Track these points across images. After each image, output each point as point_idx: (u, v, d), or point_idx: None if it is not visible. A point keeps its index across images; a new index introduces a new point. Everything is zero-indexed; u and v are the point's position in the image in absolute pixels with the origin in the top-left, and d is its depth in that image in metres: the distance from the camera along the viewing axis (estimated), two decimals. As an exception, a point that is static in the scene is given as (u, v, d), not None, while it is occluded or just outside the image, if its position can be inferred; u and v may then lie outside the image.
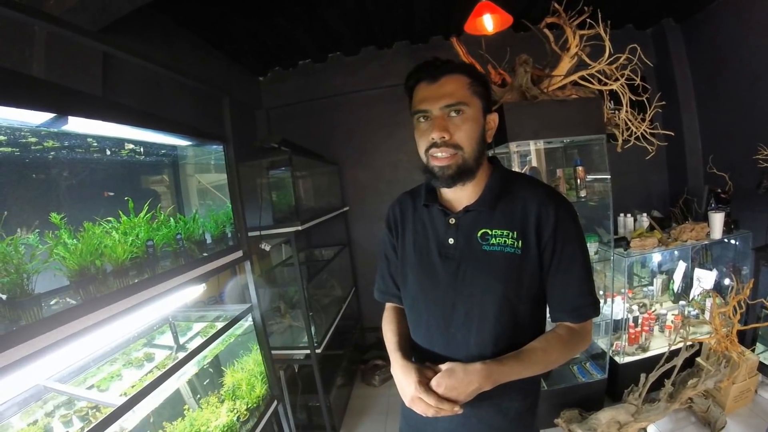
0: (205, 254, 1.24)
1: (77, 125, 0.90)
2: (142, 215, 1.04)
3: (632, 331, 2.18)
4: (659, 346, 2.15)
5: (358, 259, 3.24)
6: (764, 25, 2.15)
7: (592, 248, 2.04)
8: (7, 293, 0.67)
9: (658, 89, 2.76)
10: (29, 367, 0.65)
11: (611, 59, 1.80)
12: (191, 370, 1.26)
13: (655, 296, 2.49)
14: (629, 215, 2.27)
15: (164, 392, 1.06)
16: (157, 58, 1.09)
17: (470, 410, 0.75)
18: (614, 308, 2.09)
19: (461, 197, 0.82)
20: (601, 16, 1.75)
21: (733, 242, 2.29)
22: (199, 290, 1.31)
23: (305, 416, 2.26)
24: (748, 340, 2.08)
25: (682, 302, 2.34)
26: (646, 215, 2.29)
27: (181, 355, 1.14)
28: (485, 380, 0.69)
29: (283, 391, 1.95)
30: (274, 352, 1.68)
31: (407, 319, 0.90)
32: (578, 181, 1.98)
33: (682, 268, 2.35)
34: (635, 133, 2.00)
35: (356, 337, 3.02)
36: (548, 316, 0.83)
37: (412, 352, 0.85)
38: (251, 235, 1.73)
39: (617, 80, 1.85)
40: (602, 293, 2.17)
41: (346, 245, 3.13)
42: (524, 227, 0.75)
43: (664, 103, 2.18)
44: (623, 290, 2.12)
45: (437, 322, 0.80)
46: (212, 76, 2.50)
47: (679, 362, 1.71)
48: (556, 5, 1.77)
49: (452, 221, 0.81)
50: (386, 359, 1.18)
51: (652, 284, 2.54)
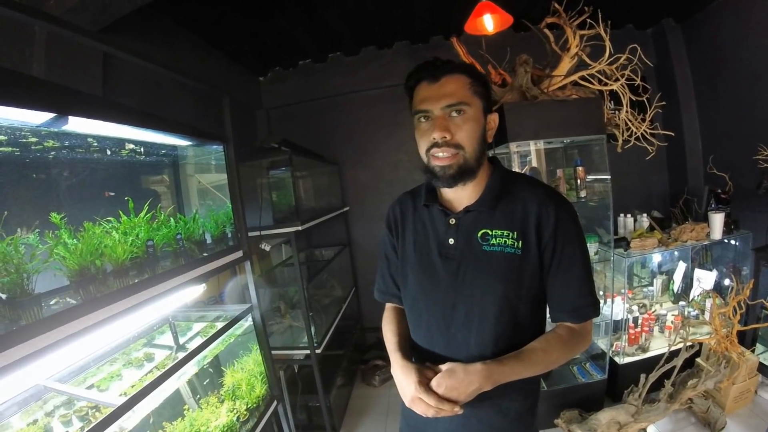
0: (205, 254, 1.24)
1: (77, 125, 0.90)
2: (142, 215, 1.04)
3: (632, 331, 2.18)
4: (659, 346, 2.15)
5: (358, 259, 3.24)
6: (764, 25, 2.15)
7: (592, 248, 2.04)
8: (7, 293, 0.67)
9: (658, 89, 2.76)
10: (29, 366, 0.65)
11: (611, 59, 1.80)
12: (191, 370, 1.26)
13: (655, 297, 2.49)
14: (629, 215, 2.28)
15: (164, 392, 1.06)
16: (157, 58, 1.09)
17: (470, 410, 0.75)
18: (614, 309, 2.09)
19: (461, 197, 0.81)
20: (601, 16, 1.75)
21: (733, 243, 2.29)
22: (199, 290, 1.31)
23: (305, 416, 2.26)
24: (748, 340, 2.08)
25: (682, 303, 2.34)
26: (646, 215, 2.29)
27: (181, 355, 1.14)
28: (485, 380, 0.69)
29: (283, 391, 1.95)
30: (274, 352, 1.68)
31: (407, 319, 0.90)
32: (578, 181, 1.98)
33: (682, 268, 2.35)
34: (635, 133, 2.00)
35: (356, 337, 3.02)
36: (548, 316, 0.83)
37: (412, 352, 0.85)
38: (251, 235, 1.73)
39: (617, 80, 1.85)
40: (602, 294, 2.16)
41: (346, 245, 3.13)
42: (524, 227, 0.75)
43: (664, 103, 2.18)
44: (623, 291, 2.12)
45: (437, 322, 0.80)
46: (212, 76, 2.50)
47: (679, 363, 1.71)
48: (556, 5, 1.77)
49: (452, 221, 0.81)
50: (386, 359, 1.18)
51: (652, 285, 2.54)
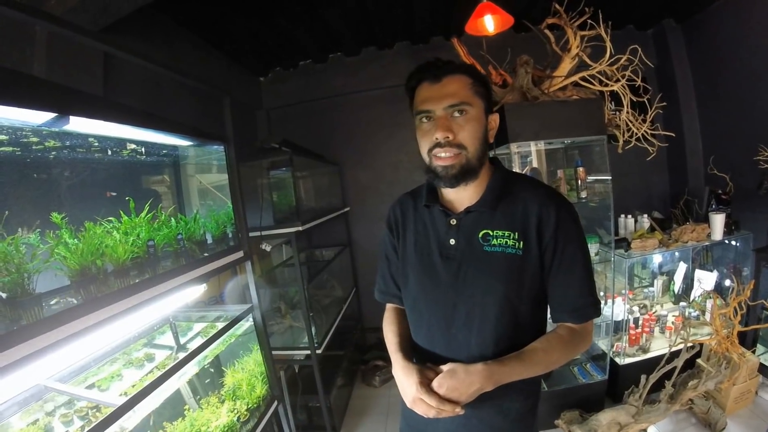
0: (205, 254, 1.24)
1: (78, 125, 0.90)
2: (143, 215, 1.04)
3: (633, 332, 2.18)
4: (660, 347, 2.14)
5: (358, 259, 3.24)
6: (764, 25, 2.15)
7: (592, 249, 2.04)
8: (8, 292, 0.67)
9: (658, 90, 2.76)
10: (30, 366, 0.65)
11: (612, 60, 1.80)
12: (192, 370, 1.26)
13: (655, 297, 2.48)
14: (630, 216, 2.28)
15: (165, 392, 1.06)
16: (157, 58, 1.10)
17: (471, 411, 0.75)
18: (615, 309, 2.08)
19: (462, 198, 0.81)
20: (601, 16, 1.75)
21: (733, 243, 2.29)
22: (199, 290, 1.31)
23: (305, 417, 2.26)
24: (748, 341, 2.08)
25: (682, 303, 2.34)
26: (646, 216, 2.29)
27: (181, 355, 1.14)
28: (486, 381, 0.69)
29: (283, 391, 1.95)
30: (274, 352, 1.68)
31: (408, 319, 0.90)
32: (579, 182, 1.98)
33: (682, 269, 2.35)
34: (636, 134, 2.00)
35: (357, 337, 3.02)
36: (549, 316, 0.82)
37: (413, 352, 0.85)
38: (252, 235, 1.73)
39: (618, 81, 1.85)
40: (603, 294, 2.16)
41: (346, 246, 3.13)
42: (525, 228, 0.75)
43: (664, 104, 2.18)
44: (624, 291, 2.12)
45: (438, 322, 0.80)
46: (213, 76, 2.50)
47: (679, 363, 1.71)
48: (556, 6, 1.77)
49: (453, 222, 0.81)
50: (387, 360, 1.18)
51: (652, 285, 2.53)
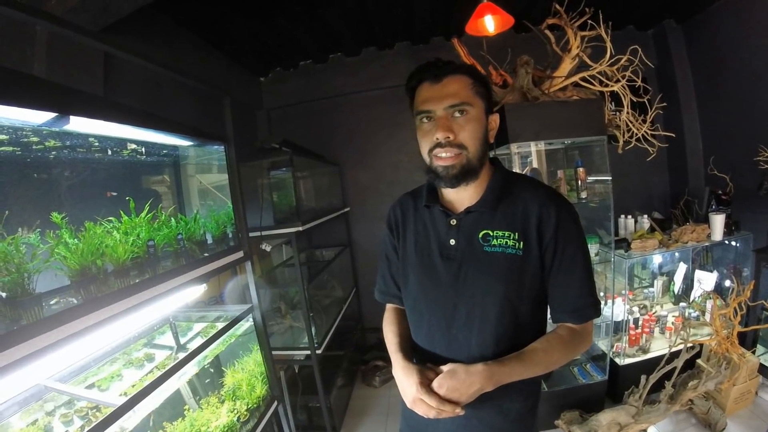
0: (206, 254, 1.24)
1: (79, 125, 0.90)
2: (143, 215, 1.04)
3: (633, 332, 2.18)
4: (660, 347, 2.14)
5: (358, 259, 3.24)
6: (764, 25, 2.15)
7: (592, 249, 2.04)
8: (8, 292, 0.67)
9: (659, 90, 2.76)
10: (30, 366, 0.65)
11: (612, 60, 1.80)
12: (191, 370, 1.26)
13: (655, 298, 2.48)
14: (630, 216, 2.28)
15: (164, 392, 1.06)
16: (157, 58, 1.10)
17: (471, 411, 0.75)
18: (615, 310, 2.08)
19: (463, 198, 0.81)
20: (602, 17, 1.75)
21: (733, 244, 2.29)
22: (199, 290, 1.31)
23: (305, 417, 2.26)
24: (748, 341, 2.08)
25: (682, 304, 2.34)
26: (646, 216, 2.29)
27: (181, 355, 1.14)
28: (487, 381, 0.69)
29: (283, 391, 1.95)
30: (274, 352, 1.68)
31: (408, 320, 0.90)
32: (579, 182, 1.98)
33: (682, 269, 2.35)
34: (636, 134, 2.00)
35: (357, 337, 3.02)
36: (549, 317, 0.82)
37: (413, 353, 0.85)
38: (252, 235, 1.73)
39: (618, 81, 1.85)
40: (603, 295, 2.16)
41: (346, 246, 3.13)
42: (525, 228, 0.75)
43: (665, 104, 2.18)
44: (624, 292, 2.12)
45: (438, 322, 0.80)
46: (213, 76, 2.50)
47: (679, 364, 1.71)
48: (557, 6, 1.77)
49: (453, 222, 0.81)
50: (387, 360, 1.18)
51: (652, 286, 2.53)
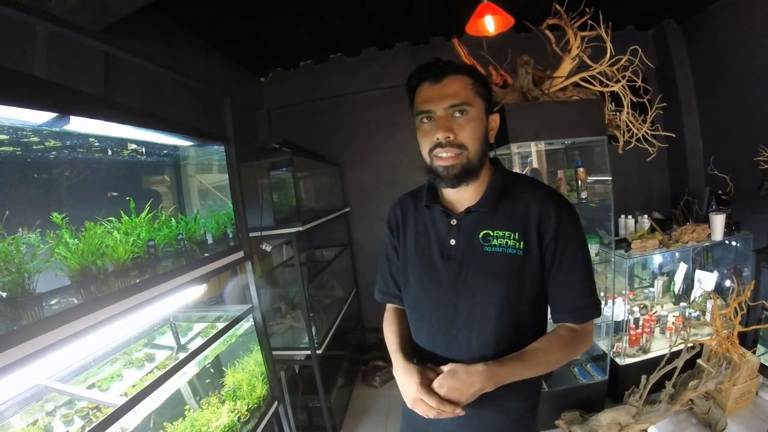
0: (206, 254, 1.24)
1: (79, 125, 0.90)
2: (143, 215, 1.04)
3: (633, 332, 2.18)
4: (660, 347, 2.14)
5: (359, 259, 3.24)
6: (764, 25, 2.15)
7: (593, 250, 2.04)
8: (8, 292, 0.67)
9: (659, 90, 2.76)
10: (30, 366, 0.65)
11: (612, 61, 1.80)
12: (192, 370, 1.26)
13: (656, 298, 2.48)
14: (630, 217, 2.27)
15: (165, 392, 1.06)
16: (157, 58, 1.10)
17: (471, 411, 0.75)
18: (615, 310, 2.08)
19: (463, 198, 0.81)
20: (602, 17, 1.75)
21: (734, 244, 2.28)
22: (200, 290, 1.30)
23: (306, 417, 2.26)
24: (749, 341, 2.08)
25: (683, 304, 2.34)
26: (647, 217, 2.29)
27: (181, 355, 1.14)
28: (487, 381, 0.69)
29: (283, 391, 1.95)
30: (274, 352, 1.68)
31: (408, 320, 0.90)
32: (579, 182, 1.98)
33: (683, 269, 2.34)
34: (636, 134, 2.00)
35: (357, 337, 3.02)
36: (549, 316, 0.82)
37: (413, 353, 0.85)
38: (252, 235, 1.73)
39: (618, 82, 1.85)
40: (603, 295, 2.16)
41: (347, 246, 3.13)
42: (526, 228, 0.75)
43: (665, 104, 2.18)
44: (624, 292, 2.12)
45: (439, 322, 0.80)
46: (213, 76, 2.50)
47: (679, 364, 1.71)
48: (557, 6, 1.77)
49: (454, 222, 0.81)
50: (387, 360, 1.18)
51: (652, 286, 2.53)
